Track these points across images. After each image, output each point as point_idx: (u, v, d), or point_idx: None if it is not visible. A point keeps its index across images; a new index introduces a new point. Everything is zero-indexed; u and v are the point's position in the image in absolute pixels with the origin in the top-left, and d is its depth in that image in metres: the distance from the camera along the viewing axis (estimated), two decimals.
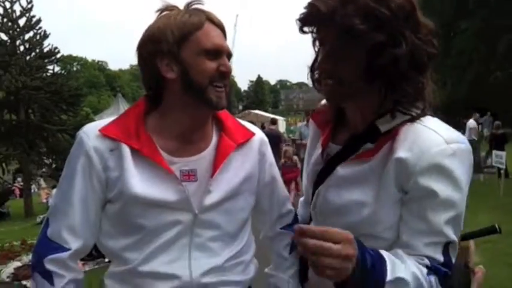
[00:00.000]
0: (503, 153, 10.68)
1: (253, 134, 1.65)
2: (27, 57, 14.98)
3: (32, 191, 16.72)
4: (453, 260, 1.31)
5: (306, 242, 1.10)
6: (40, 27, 15.16)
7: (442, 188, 1.25)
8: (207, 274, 1.49)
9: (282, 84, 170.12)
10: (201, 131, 1.54)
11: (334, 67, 1.32)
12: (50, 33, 15.33)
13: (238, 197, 1.56)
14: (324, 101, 1.60)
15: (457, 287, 1.48)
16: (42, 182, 19.09)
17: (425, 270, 1.26)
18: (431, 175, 1.24)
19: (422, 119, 1.33)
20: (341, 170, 1.42)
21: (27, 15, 14.91)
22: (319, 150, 1.57)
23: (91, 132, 1.45)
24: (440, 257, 1.28)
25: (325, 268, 1.11)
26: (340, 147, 1.48)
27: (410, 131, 1.30)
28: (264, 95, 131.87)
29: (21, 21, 14.84)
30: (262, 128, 29.85)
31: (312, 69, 1.47)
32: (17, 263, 6.76)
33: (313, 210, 1.57)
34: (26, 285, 5.87)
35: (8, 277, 6.32)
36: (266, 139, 1.72)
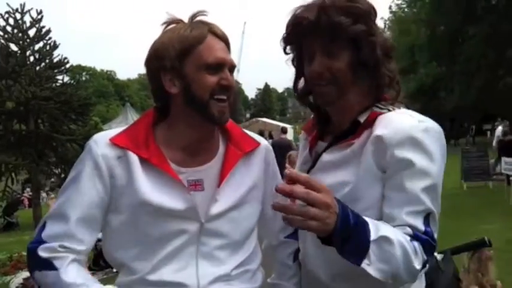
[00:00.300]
0: None
1: (258, 143, 1.68)
2: (37, 68, 15.09)
3: (41, 201, 16.80)
4: (435, 233, 1.40)
5: (296, 188, 1.19)
6: (50, 38, 15.26)
7: (416, 158, 1.37)
8: (214, 283, 1.50)
9: (290, 92, 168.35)
10: (207, 142, 1.58)
11: (329, 68, 1.49)
12: (59, 44, 15.43)
13: (244, 206, 1.59)
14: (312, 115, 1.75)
15: None
16: (44, 194, 19.14)
17: (408, 238, 1.34)
18: (406, 147, 1.38)
19: (397, 110, 1.53)
20: (326, 156, 1.58)
21: (37, 25, 15.01)
22: (307, 150, 1.72)
23: (100, 140, 1.48)
24: (422, 226, 1.37)
25: (311, 218, 1.19)
26: (326, 144, 1.63)
27: (386, 117, 1.48)
28: (272, 102, 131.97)
29: (31, 32, 14.96)
30: (270, 136, 29.92)
31: (296, 86, 1.68)
32: (26, 273, 6.75)
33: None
34: None
35: (17, 287, 6.35)
36: (271, 148, 1.75)
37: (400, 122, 1.43)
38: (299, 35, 1.54)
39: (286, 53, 1.65)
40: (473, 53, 26.14)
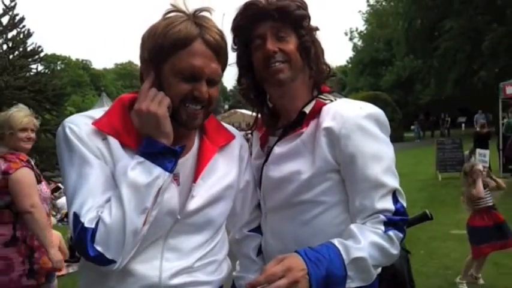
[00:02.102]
0: (486, 152, 10.82)
1: (233, 136, 1.65)
2: (11, 56, 14.76)
3: None
4: (404, 204, 1.52)
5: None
6: (24, 26, 14.91)
7: (367, 145, 1.49)
8: (175, 276, 1.46)
9: None
10: (182, 137, 1.49)
11: (281, 49, 1.57)
12: (33, 32, 15.12)
13: (219, 202, 1.55)
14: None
15: (400, 268, 1.74)
16: None
17: (382, 228, 1.47)
18: (355, 136, 1.49)
19: (338, 100, 1.65)
20: (277, 149, 1.66)
21: (10, 13, 14.65)
22: (258, 146, 1.79)
23: (79, 123, 1.39)
24: (392, 206, 1.48)
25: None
26: (277, 137, 1.70)
27: (331, 107, 1.59)
28: None
29: (4, 20, 14.60)
30: (249, 127, 29.90)
31: (240, 82, 1.74)
32: None
33: (262, 198, 1.73)
34: None
35: None
36: (246, 143, 1.72)
37: (344, 111, 1.53)
38: (250, 20, 1.61)
39: (234, 47, 1.69)
40: (450, 47, 26.53)
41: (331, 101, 1.64)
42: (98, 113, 1.46)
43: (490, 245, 5.10)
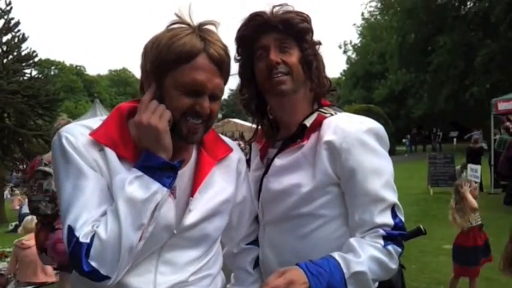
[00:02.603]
0: (478, 167, 10.87)
1: (231, 149, 1.64)
2: (4, 60, 14.71)
3: (5, 197, 16.37)
4: (402, 219, 1.54)
5: None
6: (19, 30, 14.94)
7: (367, 160, 1.51)
8: None
9: None
10: (180, 150, 1.47)
11: (284, 61, 1.59)
12: (28, 36, 15.09)
13: (216, 217, 1.53)
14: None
15: (396, 283, 1.74)
16: (8, 191, 18.58)
17: (382, 243, 1.49)
18: (355, 151, 1.51)
19: (339, 114, 1.67)
20: (278, 161, 1.67)
21: (5, 17, 14.67)
22: (257, 158, 1.80)
23: (75, 132, 1.36)
24: (391, 221, 1.50)
25: None
26: (277, 149, 1.71)
27: (332, 121, 1.61)
28: None
29: None
30: (242, 137, 29.82)
31: (241, 92, 1.75)
32: None
33: (259, 207, 1.73)
34: None
35: None
36: (243, 156, 1.72)
37: (345, 126, 1.56)
38: (254, 31, 1.63)
39: (237, 57, 1.71)
40: (443, 62, 26.73)
41: (332, 114, 1.66)
42: (95, 122, 1.42)
43: (476, 268, 5.04)
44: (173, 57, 1.35)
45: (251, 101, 1.75)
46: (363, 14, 46.85)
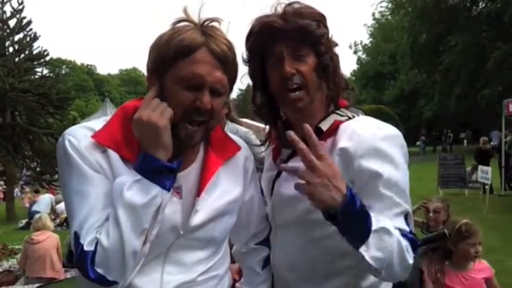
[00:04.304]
0: (488, 169, 10.74)
1: (239, 148, 1.61)
2: (16, 59, 14.83)
3: (15, 195, 16.49)
4: (413, 230, 1.49)
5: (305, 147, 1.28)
6: (31, 29, 15.06)
7: (383, 168, 1.44)
8: None
9: None
10: (187, 149, 1.44)
11: (299, 71, 1.51)
12: (40, 35, 15.20)
13: (224, 217, 1.51)
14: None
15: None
16: (18, 189, 18.67)
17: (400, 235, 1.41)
18: (371, 158, 1.44)
19: (356, 117, 1.59)
20: (291, 164, 1.57)
21: (17, 16, 14.79)
22: (270, 157, 1.75)
23: (78, 135, 1.34)
24: (406, 227, 1.44)
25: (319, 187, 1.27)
26: (290, 151, 1.64)
27: (348, 126, 1.53)
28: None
29: (12, 22, 14.72)
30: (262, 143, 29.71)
31: (255, 99, 1.68)
32: None
33: (271, 209, 1.68)
34: None
35: None
36: (251, 154, 1.69)
37: (362, 132, 1.48)
38: (266, 40, 1.54)
39: (246, 63, 1.64)
40: (454, 63, 26.52)
41: (349, 117, 1.59)
42: (99, 123, 1.40)
43: None
44: (172, 53, 1.32)
45: (263, 106, 1.69)
46: (373, 14, 46.68)
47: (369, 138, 1.46)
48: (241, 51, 1.62)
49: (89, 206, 1.28)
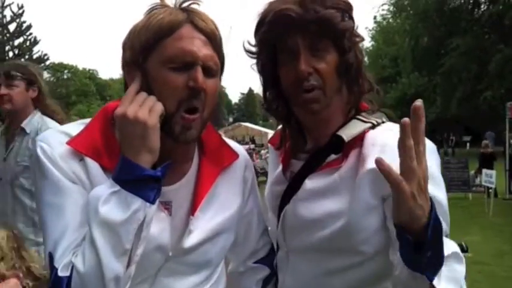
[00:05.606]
0: (493, 172, 10.67)
1: (237, 155, 1.43)
2: None
3: None
4: None
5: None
6: (31, 33, 15.08)
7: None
8: None
9: None
10: (178, 154, 1.26)
11: (316, 69, 1.29)
12: (40, 40, 15.23)
13: (220, 236, 1.35)
14: (279, 127, 1.56)
15: None
16: None
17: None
18: None
19: (383, 125, 1.36)
20: (309, 183, 1.37)
21: (17, 20, 14.80)
22: (279, 169, 1.51)
23: (53, 141, 1.17)
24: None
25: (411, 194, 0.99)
26: (303, 162, 1.42)
27: (377, 136, 1.30)
28: (255, 107, 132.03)
29: (12, 27, 14.72)
30: (252, 141, 29.75)
31: (265, 95, 1.45)
32: None
33: (281, 230, 1.46)
34: None
35: None
36: (250, 162, 1.53)
37: (393, 148, 1.14)
38: (280, 32, 1.31)
39: (251, 55, 1.42)
40: (456, 65, 26.47)
41: (373, 124, 1.35)
42: (76, 127, 1.22)
43: None
44: (153, 34, 1.15)
45: (274, 102, 1.46)
46: (375, 18, 46.63)
47: None
48: (242, 41, 1.43)
49: (65, 222, 1.11)
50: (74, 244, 1.09)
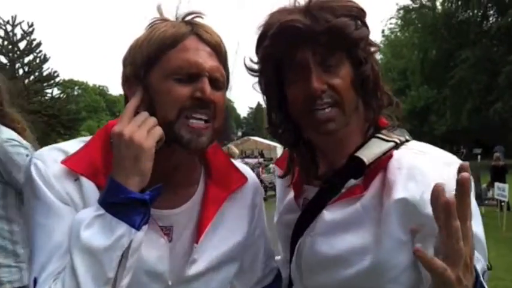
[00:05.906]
0: (505, 186, 10.49)
1: (246, 178, 1.34)
2: (26, 81, 14.99)
3: None
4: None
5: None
6: (40, 51, 15.21)
7: None
8: None
9: None
10: (182, 175, 1.21)
11: (330, 86, 1.15)
12: (49, 57, 15.38)
13: (225, 265, 1.27)
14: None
15: None
16: None
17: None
18: None
19: (407, 143, 1.21)
20: (328, 214, 1.20)
21: (27, 38, 14.96)
22: (290, 196, 1.38)
23: (47, 159, 1.11)
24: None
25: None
26: (317, 188, 1.27)
27: (402, 157, 1.14)
28: (263, 122, 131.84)
29: (22, 45, 14.89)
30: (261, 155, 29.68)
31: (271, 117, 1.29)
32: None
33: (296, 267, 1.31)
34: None
35: None
36: (260, 186, 1.43)
37: (428, 170, 1.08)
38: (286, 47, 1.16)
39: (252, 73, 1.28)
40: (465, 77, 26.40)
41: (396, 143, 1.20)
42: (75, 145, 1.17)
43: None
44: (156, 47, 1.10)
45: (280, 126, 1.30)
46: (383, 31, 46.72)
47: (439, 180, 0.93)
48: (244, 57, 1.29)
49: (53, 245, 1.04)
50: (58, 270, 1.02)
